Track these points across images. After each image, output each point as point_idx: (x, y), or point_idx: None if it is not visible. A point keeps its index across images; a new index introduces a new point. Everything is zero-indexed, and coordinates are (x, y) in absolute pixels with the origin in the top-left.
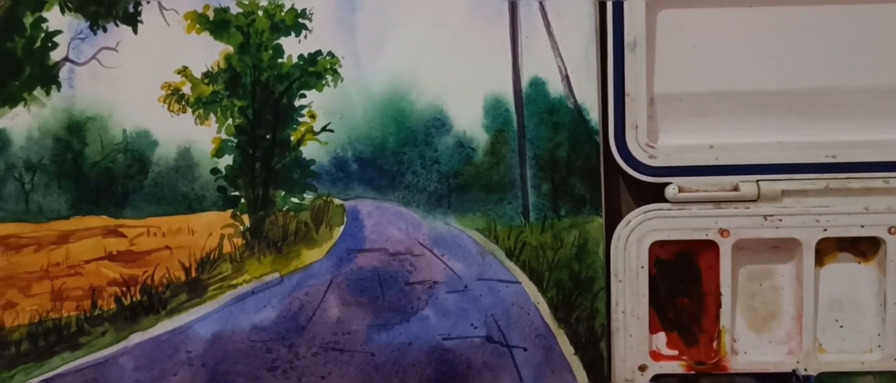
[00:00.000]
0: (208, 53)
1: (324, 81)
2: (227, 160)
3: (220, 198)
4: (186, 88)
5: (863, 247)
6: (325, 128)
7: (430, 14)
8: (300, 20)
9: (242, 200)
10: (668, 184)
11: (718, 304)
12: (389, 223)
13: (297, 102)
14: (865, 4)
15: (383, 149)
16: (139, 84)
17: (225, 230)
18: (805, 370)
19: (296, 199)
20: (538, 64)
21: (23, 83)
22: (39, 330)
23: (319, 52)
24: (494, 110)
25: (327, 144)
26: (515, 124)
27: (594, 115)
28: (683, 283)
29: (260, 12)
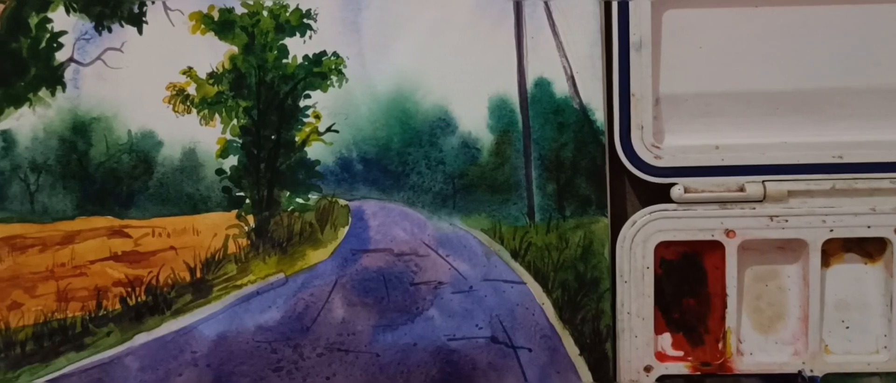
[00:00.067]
0: (213, 54)
1: (329, 82)
2: (232, 160)
3: (225, 199)
4: (191, 89)
5: (869, 248)
6: (329, 129)
7: (435, 14)
8: (305, 20)
9: (247, 201)
10: (673, 184)
11: (724, 305)
12: (394, 223)
13: (302, 103)
14: (872, 4)
15: (388, 149)
16: (144, 85)
17: (230, 230)
18: (811, 371)
19: (301, 200)
20: (543, 64)
21: (28, 84)
22: (44, 330)
23: (324, 53)
24: (499, 111)
25: (332, 145)
26: (520, 125)
27: (600, 116)
28: (689, 284)
29: (265, 13)
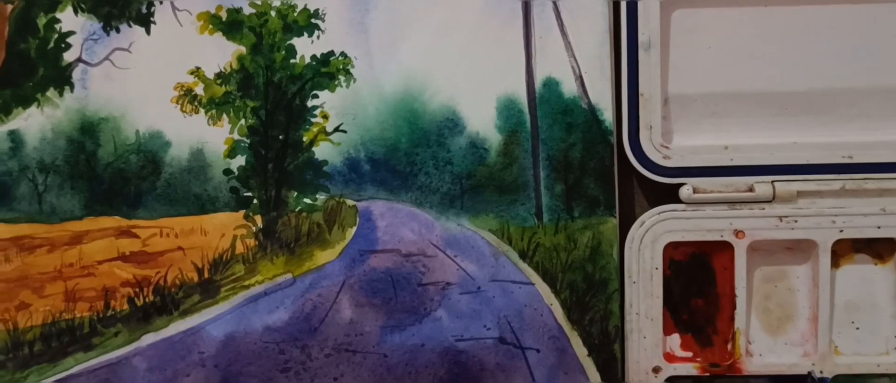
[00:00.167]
0: (221, 54)
1: (336, 82)
2: (240, 161)
3: (233, 199)
4: (199, 89)
5: (879, 249)
6: (337, 129)
7: (443, 15)
8: (313, 20)
9: (255, 201)
10: (682, 184)
11: (733, 306)
12: (402, 224)
13: (310, 103)
14: (882, 4)
15: (396, 149)
16: (152, 85)
17: (238, 231)
18: (820, 372)
19: (308, 200)
20: (552, 64)
21: (36, 84)
22: (53, 330)
23: (332, 53)
24: (508, 111)
25: (340, 145)
26: (529, 125)
27: (608, 116)
28: (698, 285)
29: (273, 13)
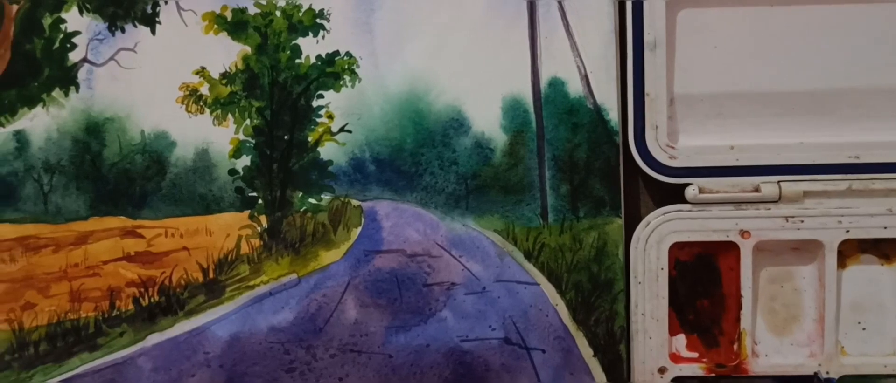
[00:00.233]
0: (226, 54)
1: (341, 82)
2: (245, 161)
3: (238, 199)
4: (204, 89)
5: (885, 249)
6: (342, 129)
7: (448, 14)
8: (318, 20)
9: (260, 201)
10: (688, 184)
11: (739, 306)
12: (407, 224)
13: (315, 103)
14: (888, 4)
15: (401, 150)
16: (157, 85)
17: (243, 231)
18: (827, 373)
19: (313, 200)
20: (557, 64)
21: (42, 84)
22: (58, 330)
23: (337, 53)
24: (513, 111)
25: (345, 145)
26: (534, 125)
27: (614, 116)
28: (703, 285)
29: (278, 13)
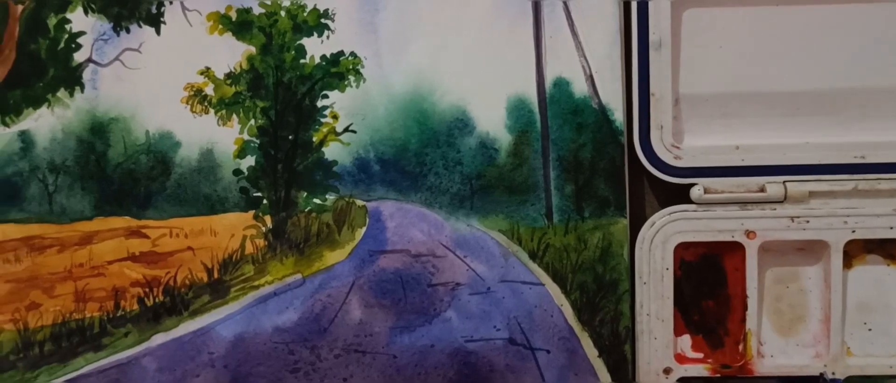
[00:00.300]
0: (231, 54)
1: (346, 82)
2: (250, 161)
3: (243, 200)
4: (209, 89)
5: (892, 249)
6: (347, 129)
7: (452, 14)
8: (322, 20)
9: (265, 201)
10: (693, 185)
11: (744, 307)
12: (412, 224)
13: (320, 103)
14: (894, 3)
15: (406, 150)
16: (162, 85)
17: (247, 231)
18: (833, 374)
19: (318, 201)
20: (562, 64)
21: (46, 84)
22: (63, 330)
23: (342, 53)
24: (518, 111)
25: (349, 145)
26: (539, 125)
27: (619, 116)
28: (709, 286)
29: (282, 13)
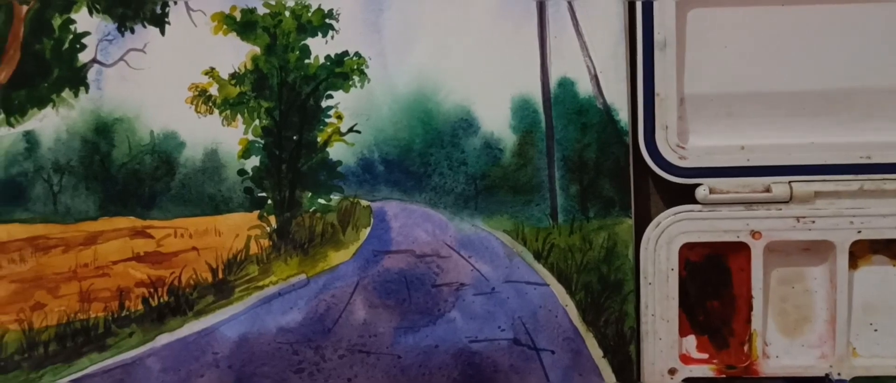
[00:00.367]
0: (235, 54)
1: (350, 82)
2: (254, 161)
3: (247, 200)
4: (213, 90)
5: None
6: (351, 130)
7: (457, 14)
8: (327, 21)
9: (269, 202)
10: (698, 185)
11: (749, 307)
12: (416, 225)
13: (324, 103)
14: None
15: (410, 150)
16: (166, 85)
17: (252, 231)
18: (838, 374)
19: (322, 201)
20: (567, 64)
21: (51, 85)
22: (67, 330)
23: (346, 53)
24: (522, 111)
25: (354, 145)
26: (543, 125)
27: (623, 116)
28: (714, 286)
29: (287, 13)
